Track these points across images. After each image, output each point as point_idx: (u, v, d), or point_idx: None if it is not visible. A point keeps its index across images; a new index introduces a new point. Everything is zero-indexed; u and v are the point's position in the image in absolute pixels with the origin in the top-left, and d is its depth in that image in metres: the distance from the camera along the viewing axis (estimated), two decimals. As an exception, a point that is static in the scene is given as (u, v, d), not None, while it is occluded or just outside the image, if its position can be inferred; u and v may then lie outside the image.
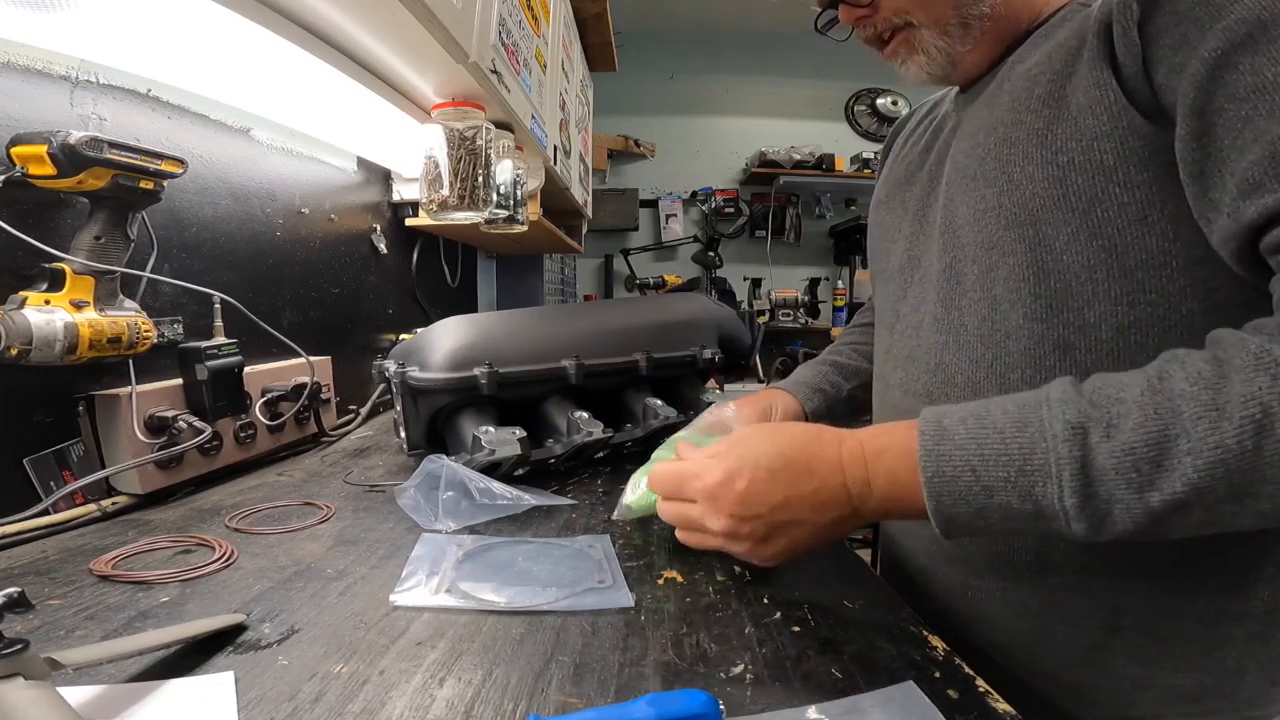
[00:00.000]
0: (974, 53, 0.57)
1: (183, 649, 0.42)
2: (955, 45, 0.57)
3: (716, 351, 1.00)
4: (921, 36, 0.57)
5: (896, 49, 0.59)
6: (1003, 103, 0.53)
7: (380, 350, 1.35)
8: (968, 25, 0.56)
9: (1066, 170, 0.47)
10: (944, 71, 0.59)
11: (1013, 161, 0.50)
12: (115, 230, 0.66)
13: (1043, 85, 0.50)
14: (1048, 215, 0.49)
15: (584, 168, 2.09)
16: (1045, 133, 0.49)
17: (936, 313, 0.58)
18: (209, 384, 0.77)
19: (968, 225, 0.54)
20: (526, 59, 1.11)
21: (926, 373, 0.59)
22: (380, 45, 0.78)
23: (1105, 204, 0.47)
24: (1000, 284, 0.52)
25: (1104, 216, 0.47)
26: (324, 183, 1.16)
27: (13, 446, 0.63)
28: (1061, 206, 0.48)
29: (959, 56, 0.58)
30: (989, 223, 0.52)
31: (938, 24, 0.56)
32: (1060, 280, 0.49)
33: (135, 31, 0.67)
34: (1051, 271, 0.49)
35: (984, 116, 0.55)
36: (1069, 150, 0.47)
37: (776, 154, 3.57)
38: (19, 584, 0.34)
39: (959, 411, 0.43)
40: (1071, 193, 0.47)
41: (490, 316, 0.91)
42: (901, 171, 0.67)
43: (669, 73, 3.81)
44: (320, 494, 0.77)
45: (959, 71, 0.59)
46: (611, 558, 0.57)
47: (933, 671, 0.41)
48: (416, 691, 0.38)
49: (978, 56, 0.58)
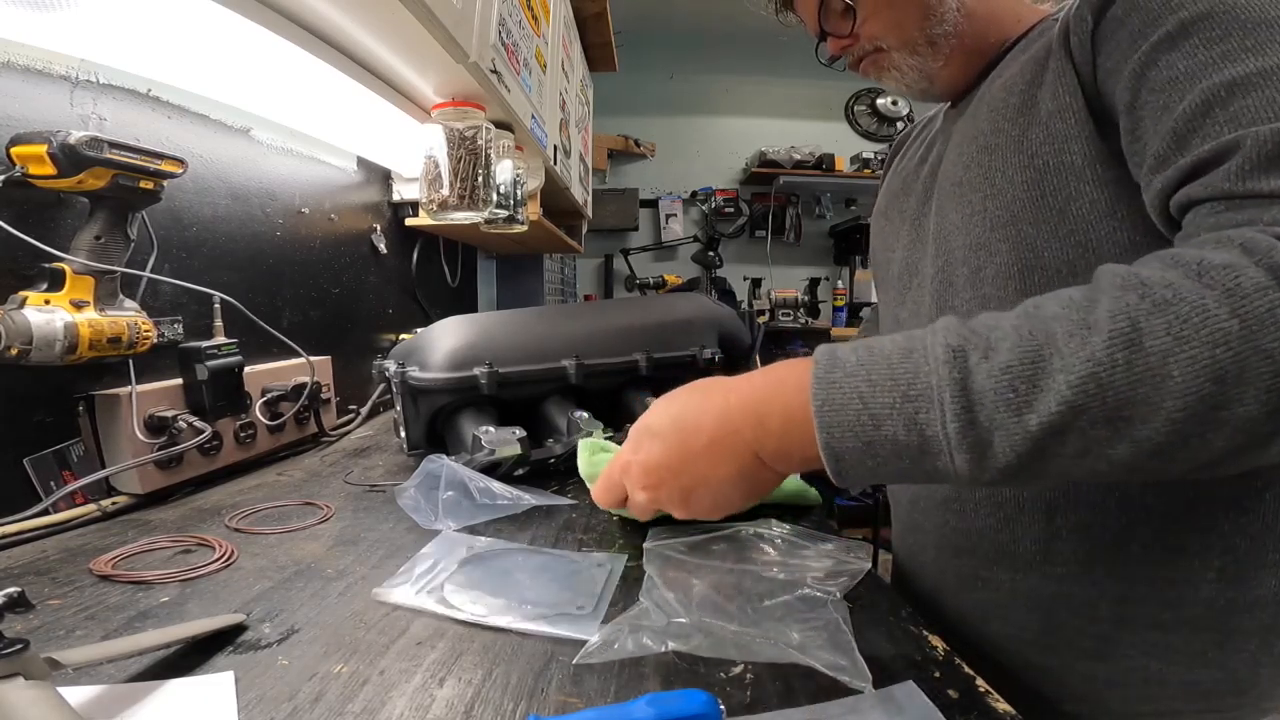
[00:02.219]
0: (947, 69, 0.63)
1: (183, 649, 0.42)
2: (927, 63, 0.62)
3: (716, 351, 1.00)
4: (892, 58, 0.63)
5: (867, 69, 0.65)
6: (983, 114, 0.57)
7: (380, 350, 1.35)
8: (935, 43, 0.61)
9: (1042, 173, 0.51)
10: (921, 86, 0.64)
11: (994, 167, 0.54)
12: (115, 230, 0.66)
13: (1017, 95, 0.54)
14: (1028, 215, 0.52)
15: (584, 168, 2.09)
16: (1021, 139, 0.53)
17: (932, 315, 0.60)
18: (209, 384, 0.77)
19: (957, 230, 0.58)
20: (526, 59, 1.11)
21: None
22: (380, 45, 0.78)
23: (1078, 201, 0.50)
24: (989, 283, 0.55)
25: (1078, 214, 0.50)
26: (324, 183, 1.16)
27: (13, 446, 0.63)
28: (1040, 206, 0.51)
29: (933, 73, 0.63)
30: (976, 226, 0.56)
31: (906, 45, 0.61)
32: (1043, 275, 0.52)
33: (135, 31, 0.67)
34: (1034, 268, 0.53)
35: (969, 128, 0.59)
36: (1043, 154, 0.51)
37: (776, 154, 3.56)
38: (19, 584, 0.34)
39: (853, 343, 0.42)
40: (1048, 193, 0.51)
41: (490, 316, 0.91)
42: (899, 183, 0.72)
43: (669, 73, 3.81)
44: (320, 494, 0.77)
45: (937, 86, 0.65)
46: (613, 582, 0.54)
47: (933, 671, 0.41)
48: (416, 691, 0.38)
49: (952, 72, 0.63)
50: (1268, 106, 0.37)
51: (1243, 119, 0.38)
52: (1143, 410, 0.33)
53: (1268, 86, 0.38)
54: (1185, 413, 0.32)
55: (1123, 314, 0.34)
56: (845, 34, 0.64)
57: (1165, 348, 0.32)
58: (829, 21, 0.64)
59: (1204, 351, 0.31)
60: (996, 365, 0.35)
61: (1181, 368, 0.32)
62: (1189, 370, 0.32)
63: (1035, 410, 0.34)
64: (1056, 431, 0.34)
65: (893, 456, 0.38)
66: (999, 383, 0.35)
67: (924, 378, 0.37)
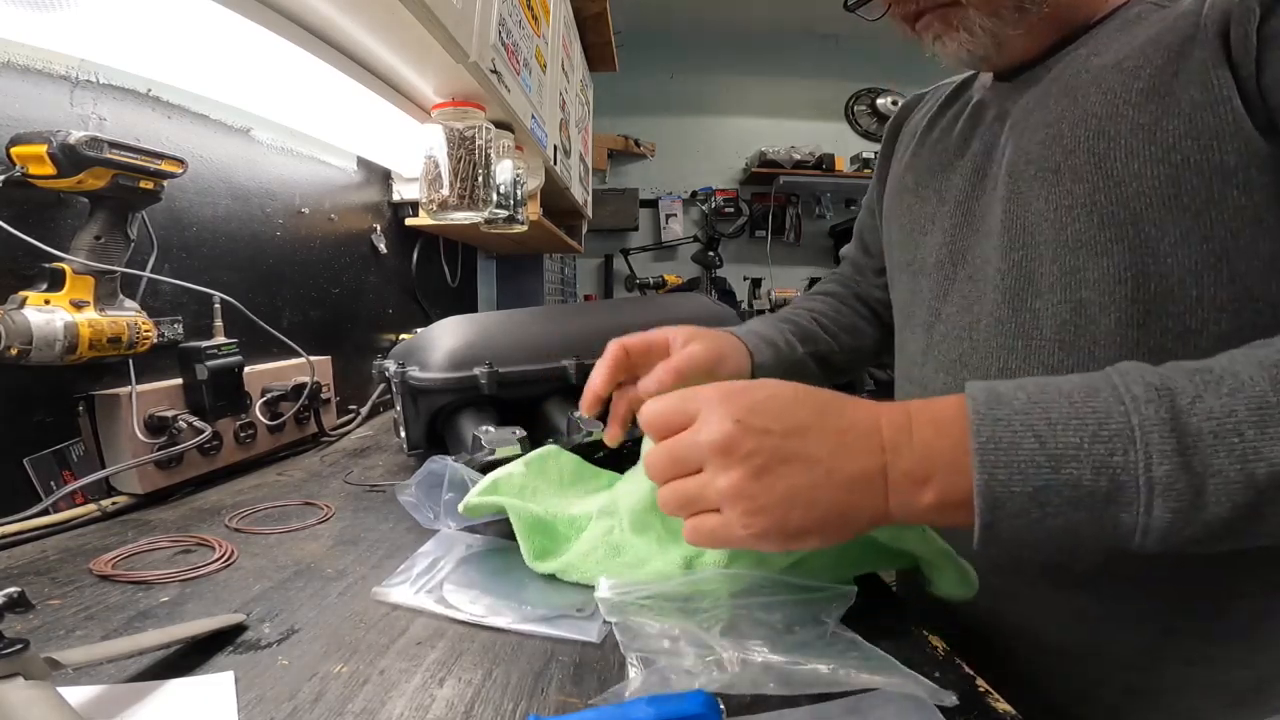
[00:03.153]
0: (1024, 38, 0.54)
1: (183, 649, 0.42)
2: (1004, 28, 0.53)
3: (716, 351, 1.00)
4: (966, 15, 0.53)
5: (931, 23, 0.55)
6: (1092, 95, 0.49)
7: (380, 350, 1.35)
8: (1024, 9, 0.52)
9: (1180, 169, 0.45)
10: (986, 53, 0.55)
11: (1112, 156, 0.47)
12: (115, 230, 0.66)
13: (1144, 79, 0.47)
14: (1153, 215, 0.46)
15: (584, 168, 2.09)
16: (1153, 128, 0.46)
17: (1000, 314, 0.54)
18: (209, 384, 0.77)
19: (1046, 222, 0.51)
20: (526, 59, 1.11)
21: (984, 380, 0.57)
22: (380, 45, 0.78)
23: (1220, 206, 0.44)
24: (1089, 286, 0.49)
25: (1217, 218, 0.44)
26: (324, 182, 1.16)
27: (13, 446, 0.63)
28: (1173, 206, 0.45)
29: (1006, 39, 0.54)
30: (1076, 220, 0.49)
31: (989, 4, 0.52)
32: (1162, 284, 0.46)
33: (135, 31, 0.67)
34: (1153, 275, 0.46)
35: (1061, 107, 0.51)
36: (1183, 148, 0.45)
37: (776, 154, 3.57)
38: (19, 584, 0.34)
39: (1010, 382, 0.37)
40: (1184, 192, 0.45)
41: (490, 316, 0.91)
42: (935, 159, 0.63)
43: (669, 72, 3.82)
44: (320, 494, 0.77)
45: (1003, 55, 0.55)
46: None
47: (932, 671, 0.41)
48: (416, 691, 0.38)
49: (1027, 43, 0.55)
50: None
51: None
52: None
53: None
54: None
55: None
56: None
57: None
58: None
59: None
60: (1216, 407, 0.32)
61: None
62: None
63: (1264, 458, 0.31)
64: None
65: (1067, 506, 0.33)
66: (1222, 425, 0.32)
67: (1119, 418, 0.33)
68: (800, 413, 0.38)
